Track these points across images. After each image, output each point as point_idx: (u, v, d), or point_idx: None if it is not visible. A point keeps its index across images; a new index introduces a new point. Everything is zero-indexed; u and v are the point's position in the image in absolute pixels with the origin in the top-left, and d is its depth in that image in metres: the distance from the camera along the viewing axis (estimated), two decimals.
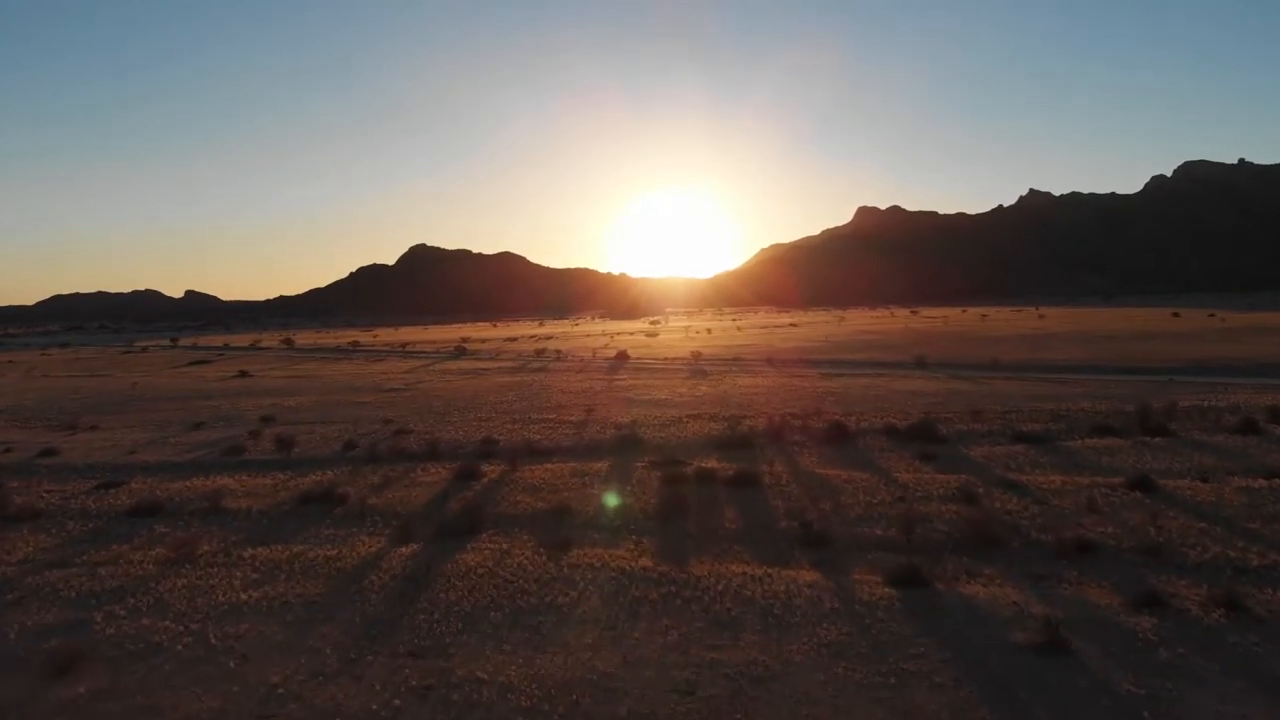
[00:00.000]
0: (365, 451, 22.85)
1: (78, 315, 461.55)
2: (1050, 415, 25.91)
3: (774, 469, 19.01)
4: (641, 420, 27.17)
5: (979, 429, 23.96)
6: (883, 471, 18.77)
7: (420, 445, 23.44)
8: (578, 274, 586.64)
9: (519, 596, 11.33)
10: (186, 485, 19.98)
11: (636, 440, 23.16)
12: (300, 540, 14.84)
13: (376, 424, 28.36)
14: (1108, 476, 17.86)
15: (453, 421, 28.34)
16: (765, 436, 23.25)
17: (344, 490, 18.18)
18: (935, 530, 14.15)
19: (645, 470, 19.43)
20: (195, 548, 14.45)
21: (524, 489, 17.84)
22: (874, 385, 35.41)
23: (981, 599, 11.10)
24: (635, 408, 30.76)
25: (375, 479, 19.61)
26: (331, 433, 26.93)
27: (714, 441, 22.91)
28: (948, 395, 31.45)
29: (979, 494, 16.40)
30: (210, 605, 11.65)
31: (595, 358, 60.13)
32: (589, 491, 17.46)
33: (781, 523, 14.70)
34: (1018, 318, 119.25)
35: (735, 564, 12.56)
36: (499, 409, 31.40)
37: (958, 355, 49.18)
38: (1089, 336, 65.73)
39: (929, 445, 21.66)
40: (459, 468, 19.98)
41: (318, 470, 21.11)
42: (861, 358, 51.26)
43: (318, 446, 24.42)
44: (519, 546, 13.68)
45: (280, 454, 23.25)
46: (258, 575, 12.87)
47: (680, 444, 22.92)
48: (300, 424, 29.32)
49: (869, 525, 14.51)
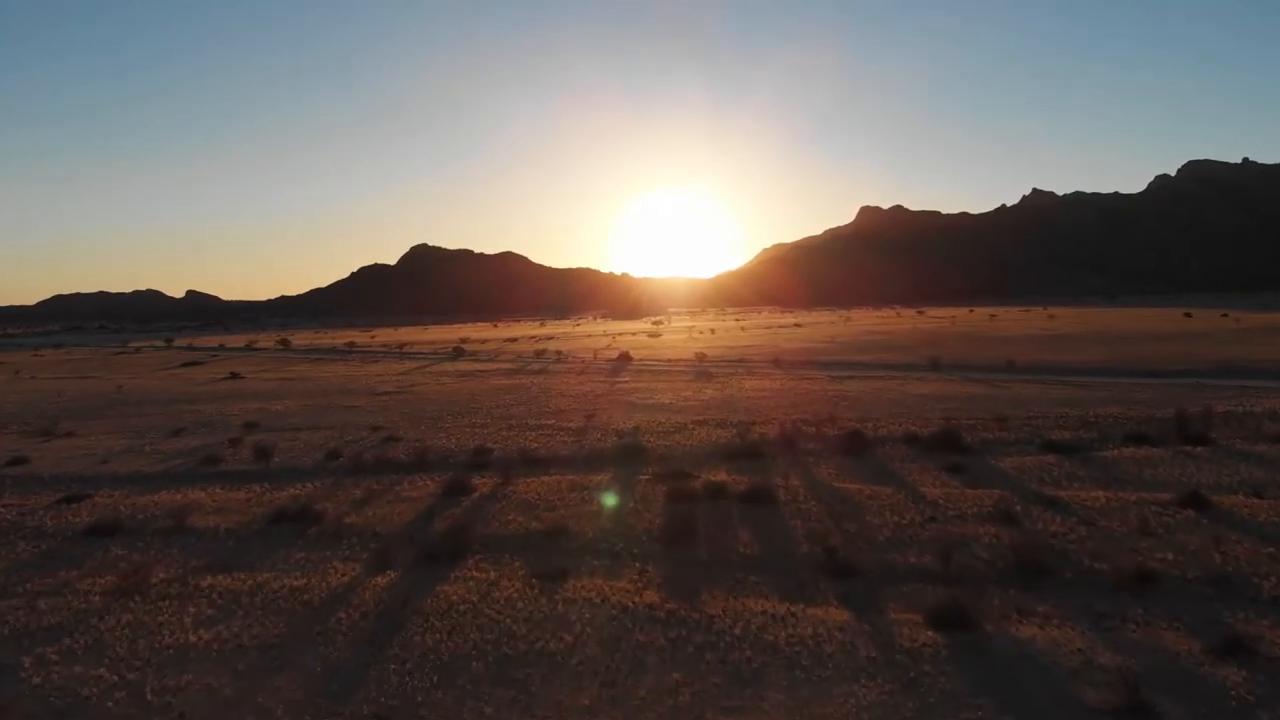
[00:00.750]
0: (349, 461, 21.37)
1: (78, 315, 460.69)
2: (1079, 422, 24.39)
3: (789, 483, 17.50)
4: (645, 426, 25.68)
5: (1005, 437, 22.45)
6: (908, 486, 17.25)
7: (408, 455, 21.95)
8: (579, 274, 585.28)
9: (505, 641, 9.83)
10: (154, 499, 18.52)
11: (639, 449, 21.66)
12: (266, 566, 13.36)
13: (364, 430, 26.87)
14: (1154, 492, 16.35)
15: (445, 428, 26.84)
16: (777, 445, 21.74)
17: (321, 507, 16.70)
18: (975, 557, 12.65)
19: (649, 483, 17.93)
20: (149, 575, 12.98)
21: (517, 505, 16.34)
22: (887, 388, 33.88)
23: (1039, 644, 9.59)
24: (638, 413, 29.26)
25: (357, 493, 18.12)
26: (316, 440, 25.44)
27: (722, 450, 21.40)
28: (966, 399, 29.93)
29: (1017, 513, 14.89)
30: (154, 649, 10.16)
31: (596, 359, 58.64)
32: (588, 509, 15.96)
33: (802, 547, 13.19)
34: (1026, 318, 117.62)
35: (753, 599, 11.05)
36: (495, 414, 29.91)
37: (971, 357, 47.64)
38: (1103, 337, 64.18)
39: (954, 455, 20.15)
40: (448, 480, 18.48)
41: (297, 482, 19.63)
42: (871, 359, 49.73)
43: (300, 456, 22.93)
44: (508, 576, 12.18)
45: (259, 464, 21.76)
46: (213, 611, 11.38)
47: (686, 453, 21.42)
48: (285, 430, 27.86)
49: (900, 551, 13.00)
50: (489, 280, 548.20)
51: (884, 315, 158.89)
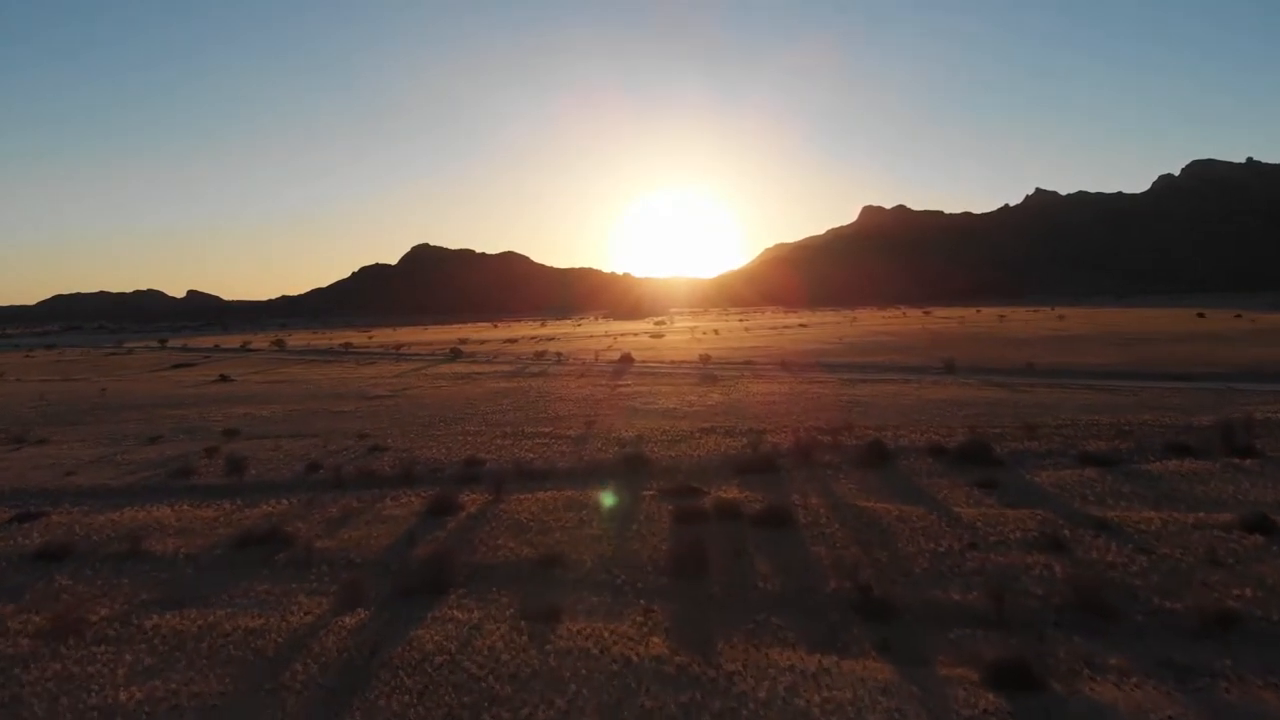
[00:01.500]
0: (329, 474, 19.79)
1: (79, 315, 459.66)
2: (1113, 431, 22.81)
3: (808, 501, 15.92)
4: (648, 434, 24.11)
5: (1037, 448, 20.85)
6: (939, 505, 15.67)
7: (394, 467, 20.38)
8: (581, 274, 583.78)
9: (487, 706, 8.26)
10: (114, 518, 16.97)
11: (643, 460, 20.08)
12: (223, 601, 11.81)
13: (350, 439, 25.30)
14: (1212, 512, 14.78)
15: (436, 436, 25.27)
16: (791, 456, 20.16)
17: (292, 528, 15.15)
18: (1028, 594, 11.07)
19: (654, 501, 16.36)
20: (89, 612, 11.46)
21: (508, 527, 14.77)
22: (903, 393, 32.28)
23: (1123, 711, 8.02)
24: (641, 419, 27.69)
25: (333, 512, 16.56)
26: (299, 449, 23.88)
27: (732, 462, 19.81)
28: (988, 405, 28.32)
29: (1066, 538, 13.31)
30: (76, 710, 8.64)
31: (598, 361, 57.03)
32: (586, 532, 14.38)
33: (830, 582, 11.60)
34: (1036, 318, 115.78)
35: (778, 649, 9.48)
36: (490, 420, 28.34)
37: (985, 359, 45.99)
38: (1117, 338, 62.52)
39: (985, 469, 18.58)
40: (434, 497, 16.92)
41: (271, 498, 18.09)
42: (881, 361, 48.09)
43: (278, 467, 21.36)
44: (494, 617, 10.62)
45: (232, 478, 20.19)
46: (152, 660, 9.84)
47: (694, 465, 19.84)
48: (268, 437, 26.31)
49: (942, 586, 11.42)
50: (490, 280, 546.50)
51: (889, 315, 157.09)
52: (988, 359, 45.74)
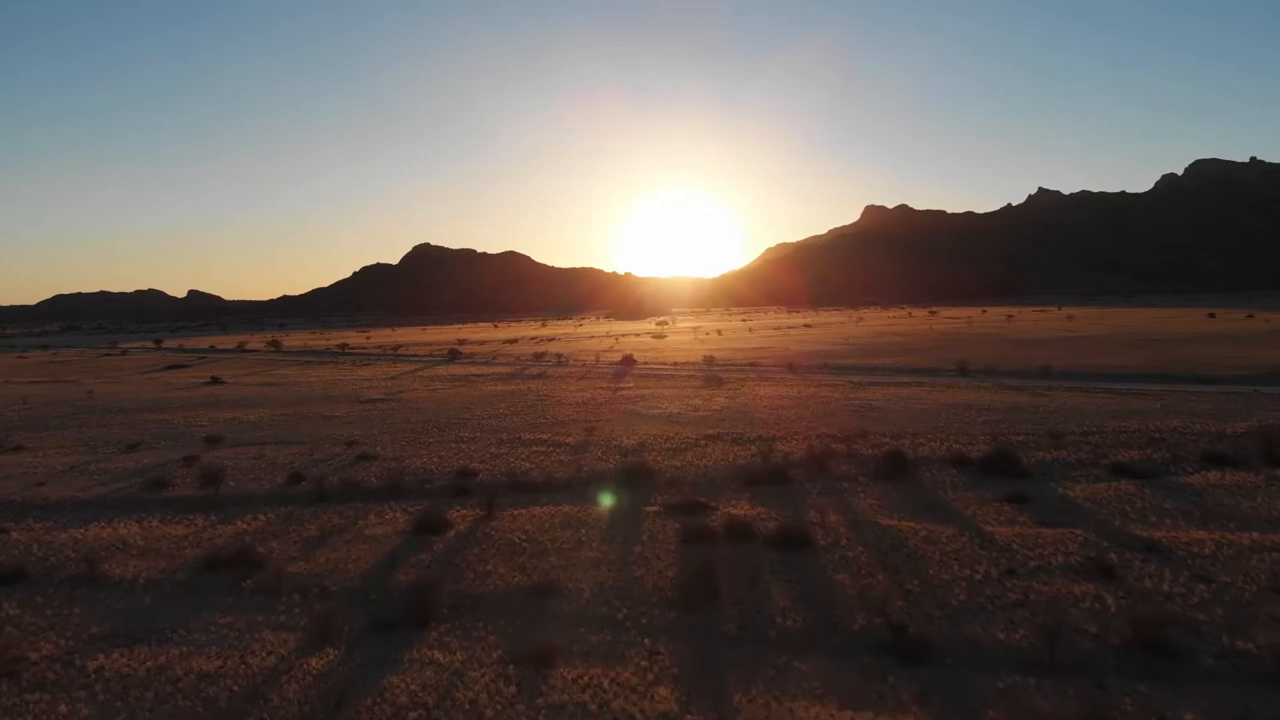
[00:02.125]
0: (311, 487, 18.56)
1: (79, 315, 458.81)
2: (1144, 439, 21.53)
3: (826, 518, 14.66)
4: (651, 442, 22.86)
5: (1066, 458, 19.60)
6: (969, 523, 14.41)
7: (380, 478, 19.14)
8: (583, 273, 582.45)
9: None
10: (78, 535, 15.75)
11: (646, 471, 18.82)
12: (179, 637, 10.58)
13: (338, 446, 24.06)
14: (1267, 532, 13.53)
15: (428, 443, 24.02)
16: (805, 467, 18.91)
17: (265, 549, 13.92)
18: (1080, 631, 9.82)
19: (657, 518, 15.11)
20: (31, 649, 10.27)
21: (499, 549, 13.53)
22: (916, 397, 31.00)
23: None
24: (643, 424, 26.45)
25: (312, 529, 15.32)
26: (283, 457, 22.65)
27: (742, 473, 18.57)
28: (1007, 410, 27.05)
29: (1113, 564, 12.06)
30: None
31: (599, 362, 55.74)
32: (585, 554, 13.14)
33: (857, 617, 10.35)
34: (1044, 318, 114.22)
35: (804, 702, 8.24)
36: (485, 426, 27.09)
37: (999, 361, 44.65)
38: (1132, 339, 61.17)
39: (1014, 482, 17.33)
40: (421, 513, 15.69)
41: (248, 513, 16.86)
42: (890, 363, 46.77)
43: (258, 479, 20.13)
44: (479, 660, 9.38)
45: (208, 490, 18.94)
46: (90, 711, 8.63)
47: (700, 476, 18.60)
48: (252, 444, 25.09)
49: (983, 621, 10.17)
50: (492, 280, 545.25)
51: (895, 315, 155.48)
52: (1001, 361, 44.41)
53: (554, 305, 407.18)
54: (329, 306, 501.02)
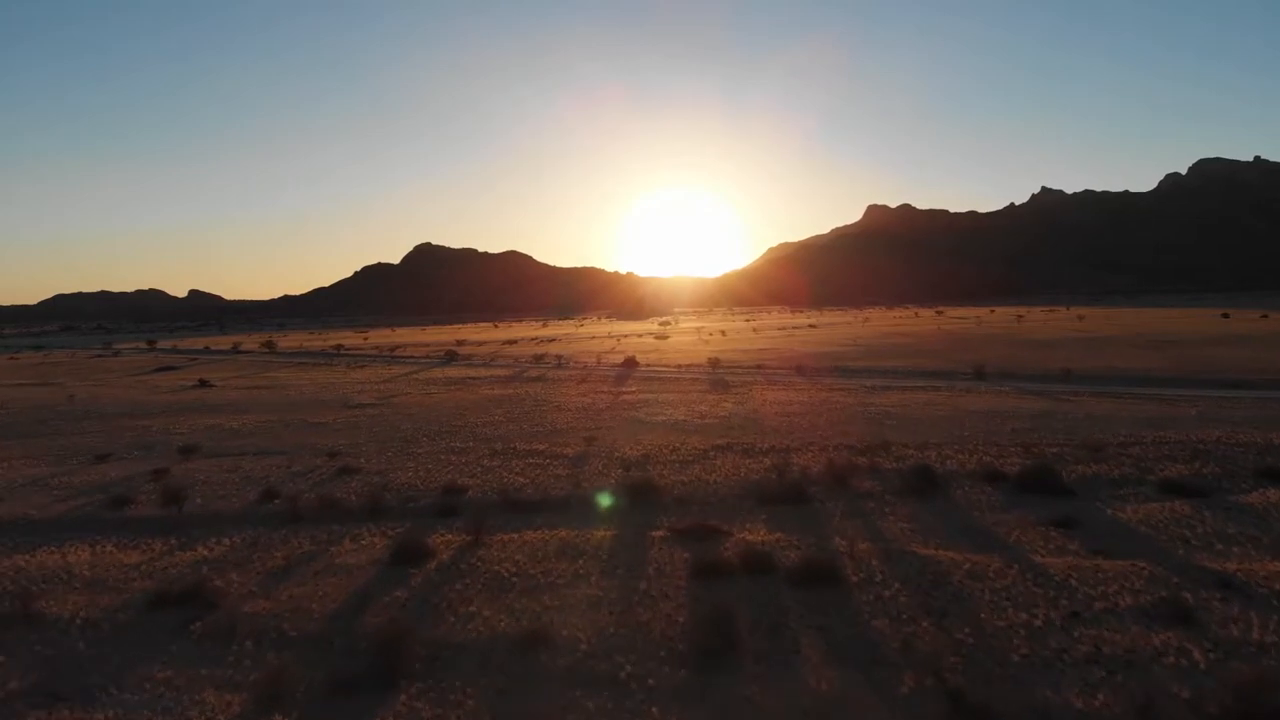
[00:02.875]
0: (284, 506, 16.98)
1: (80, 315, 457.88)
2: (1189, 451, 19.94)
3: (855, 547, 13.04)
4: (656, 454, 21.27)
5: (1108, 473, 18.00)
6: (1015, 553, 12.81)
7: (360, 496, 17.56)
8: (584, 273, 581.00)
9: None
10: (21, 563, 14.20)
11: (650, 487, 17.22)
12: (109, 697, 9.03)
13: (320, 457, 22.48)
14: None
15: (416, 454, 22.43)
16: (824, 483, 17.31)
17: (223, 582, 12.34)
18: (1171, 697, 8.21)
19: (664, 545, 13.51)
20: None
21: (485, 584, 11.93)
22: (935, 402, 29.38)
23: None
24: (647, 433, 24.87)
25: (278, 558, 13.74)
26: (259, 470, 21.07)
27: (756, 490, 16.98)
28: (1034, 418, 25.44)
29: (1189, 605, 10.43)
30: None
31: (600, 364, 54.15)
32: (582, 591, 11.54)
33: (903, 678, 8.73)
34: (1054, 318, 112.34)
35: None
36: (478, 435, 25.51)
37: (1015, 363, 43.01)
38: (1148, 341, 59.49)
39: (1057, 501, 15.75)
40: (402, 538, 14.12)
41: (211, 537, 15.29)
42: (902, 365, 45.13)
43: (228, 496, 18.55)
44: None
45: (173, 509, 17.35)
46: None
47: (710, 494, 17.01)
48: (229, 455, 23.52)
49: (1053, 682, 8.55)
50: (493, 279, 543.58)
51: (901, 315, 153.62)
52: (1017, 363, 42.77)
53: (556, 305, 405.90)
54: (330, 306, 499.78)
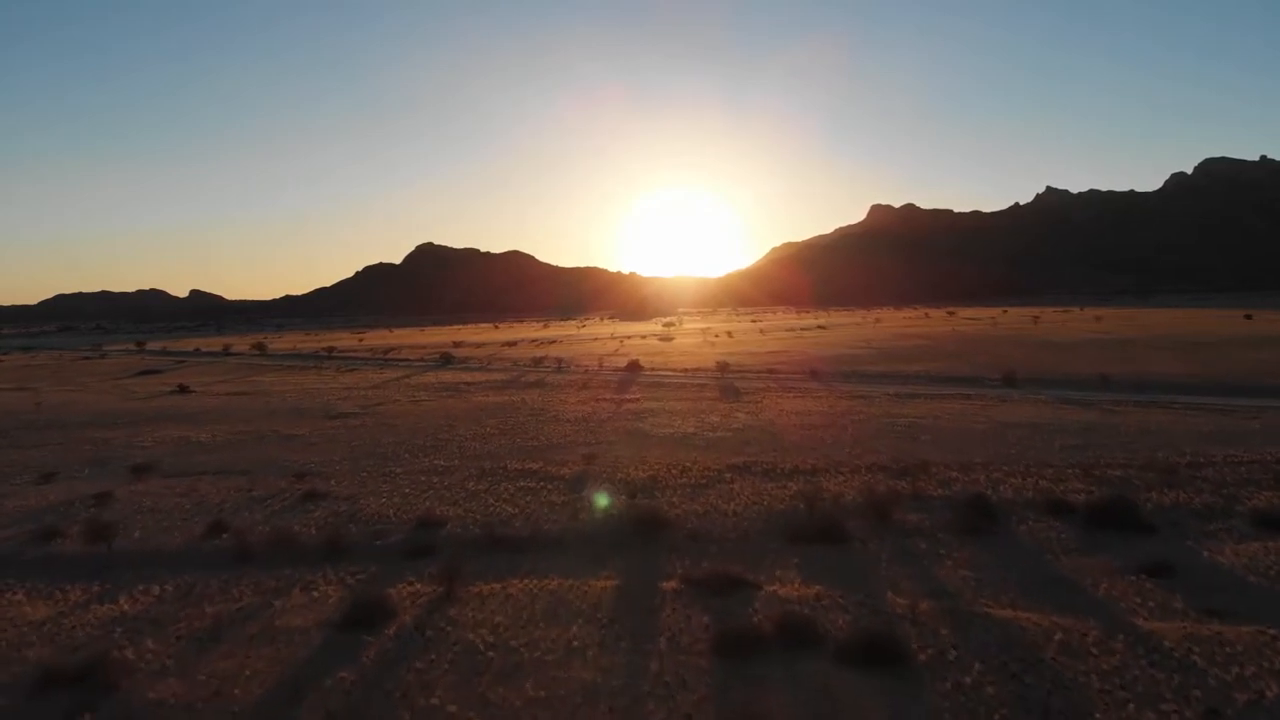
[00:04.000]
0: (232, 542, 14.55)
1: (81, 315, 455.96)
2: (1270, 474, 17.55)
3: (916, 607, 10.58)
4: (664, 475, 18.80)
5: (1188, 502, 15.55)
6: (1110, 613, 10.38)
7: (322, 529, 15.14)
8: (587, 273, 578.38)
9: None
10: None
11: (658, 520, 14.77)
12: None
13: (286, 478, 20.02)
14: None
15: (394, 475, 19.97)
16: (863, 515, 14.84)
17: (133, 654, 9.91)
18: None
19: (679, 603, 11.04)
20: None
21: (454, 661, 9.48)
22: (968, 413, 26.90)
23: None
24: (654, 448, 22.43)
25: (209, 615, 11.30)
26: (214, 495, 18.63)
27: (783, 524, 14.54)
28: (1082, 432, 22.97)
29: None
30: None
31: (602, 368, 51.64)
32: (575, 674, 9.07)
33: None
34: (1071, 320, 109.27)
35: None
36: (466, 450, 23.06)
37: (1045, 368, 40.43)
38: (1175, 343, 56.90)
39: (1138, 540, 13.34)
40: (360, 590, 11.70)
41: (141, 582, 12.89)
42: (923, 370, 42.58)
43: (173, 527, 16.11)
44: None
45: (103, 545, 14.91)
46: None
47: (730, 528, 14.55)
48: (187, 474, 21.10)
49: None
50: (495, 279, 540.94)
51: (911, 316, 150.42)
52: (1046, 368, 40.22)
53: (558, 305, 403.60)
54: (331, 307, 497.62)
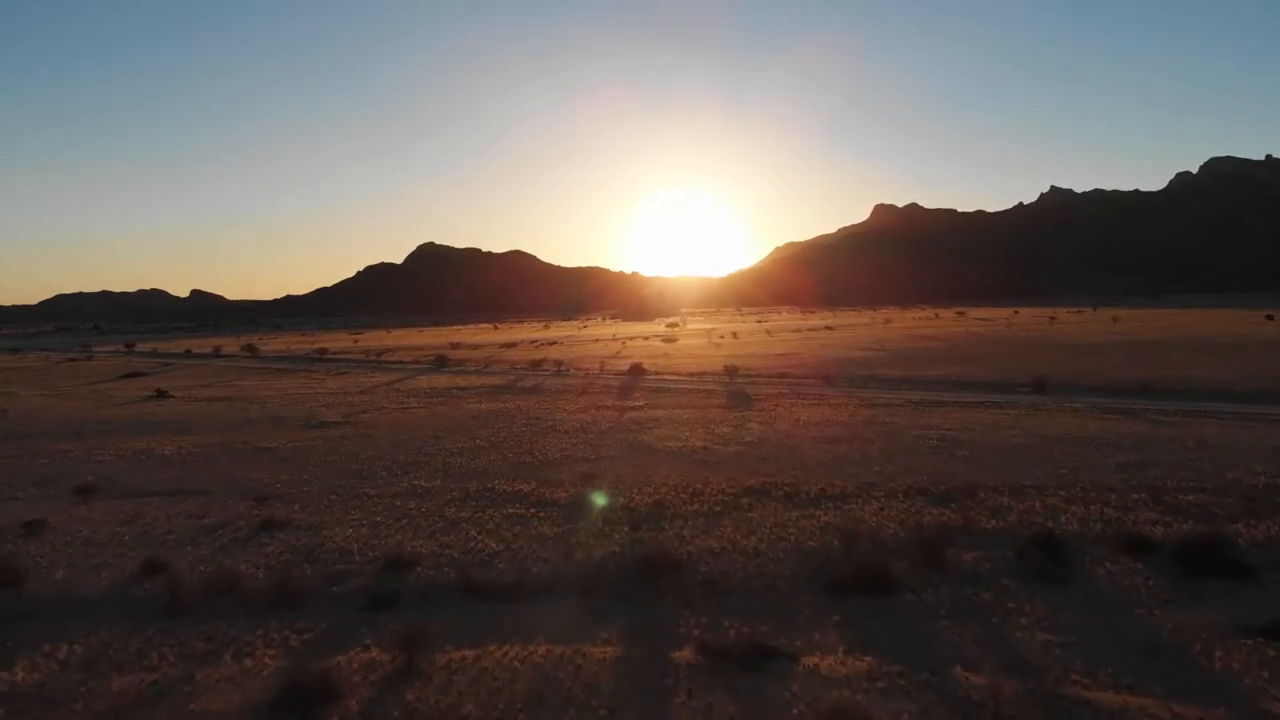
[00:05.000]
0: (165, 587, 12.27)
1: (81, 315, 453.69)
2: None
3: (998, 691, 8.29)
4: (673, 499, 16.53)
5: None
6: (1233, 695, 8.24)
7: (272, 571, 12.88)
8: (589, 273, 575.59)
9: None
10: None
11: (667, 561, 12.51)
12: None
13: (246, 502, 17.74)
14: None
15: (366, 499, 17.70)
16: (909, 554, 12.56)
17: None
18: None
19: (696, 685, 8.79)
20: None
21: None
22: (1003, 424, 24.59)
23: None
24: (659, 465, 20.17)
25: (114, 691, 9.11)
26: (161, 523, 16.38)
27: (816, 565, 12.29)
28: (1137, 447, 20.67)
29: None
30: None
31: (603, 371, 49.32)
32: None
33: None
34: (1087, 320, 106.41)
35: None
36: (451, 468, 20.79)
37: (1074, 373, 38.03)
38: (1204, 346, 54.44)
39: (1239, 587, 11.13)
40: (304, 652, 9.44)
41: (47, 640, 10.72)
42: (942, 374, 40.21)
43: (102, 565, 13.83)
44: None
45: (11, 591, 12.65)
46: None
47: (753, 572, 12.27)
48: (136, 496, 18.85)
49: None
50: (497, 279, 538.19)
51: (920, 317, 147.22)
52: (1077, 373, 37.83)
53: (560, 305, 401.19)
54: (333, 307, 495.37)
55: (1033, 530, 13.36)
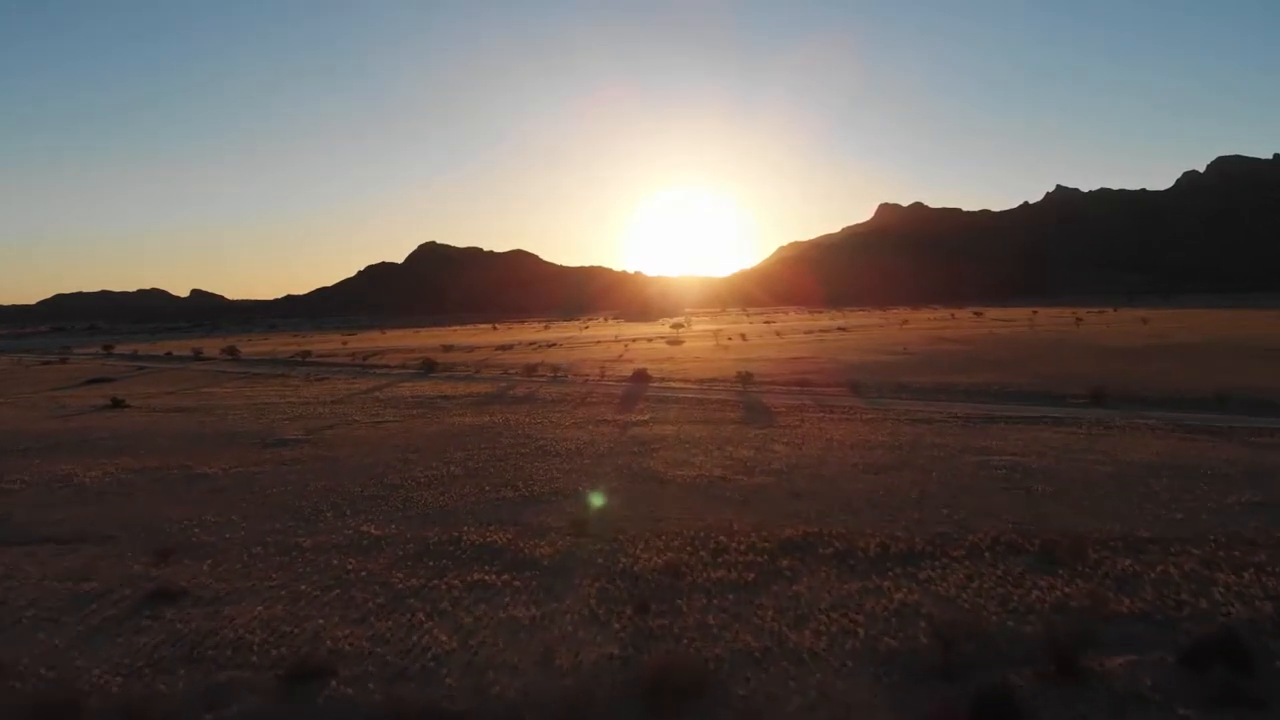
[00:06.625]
0: None
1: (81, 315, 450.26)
2: None
3: None
4: (689, 560, 12.78)
5: None
6: None
7: (131, 683, 9.18)
8: (591, 272, 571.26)
9: None
10: None
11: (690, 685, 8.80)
12: None
13: (145, 558, 14.01)
14: None
15: (297, 554, 13.94)
16: (1035, 660, 8.86)
17: None
18: None
19: None
20: None
21: None
22: (1076, 447, 20.80)
23: None
24: (670, 504, 16.46)
25: None
26: (23, 592, 12.68)
27: (896, 683, 8.60)
28: (1253, 480, 16.93)
29: None
30: None
31: (604, 377, 45.48)
32: None
33: None
34: (1113, 321, 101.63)
35: None
36: (414, 505, 17.06)
37: (1131, 382, 34.02)
38: (1245, 349, 50.48)
39: None
40: None
41: None
42: (979, 381, 36.29)
43: None
44: None
45: None
46: None
47: (813, 697, 8.57)
48: (19, 545, 15.16)
49: None
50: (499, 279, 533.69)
51: (936, 317, 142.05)
52: (1134, 382, 33.85)
53: (562, 305, 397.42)
54: (333, 306, 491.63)
55: (1195, 623, 9.64)
